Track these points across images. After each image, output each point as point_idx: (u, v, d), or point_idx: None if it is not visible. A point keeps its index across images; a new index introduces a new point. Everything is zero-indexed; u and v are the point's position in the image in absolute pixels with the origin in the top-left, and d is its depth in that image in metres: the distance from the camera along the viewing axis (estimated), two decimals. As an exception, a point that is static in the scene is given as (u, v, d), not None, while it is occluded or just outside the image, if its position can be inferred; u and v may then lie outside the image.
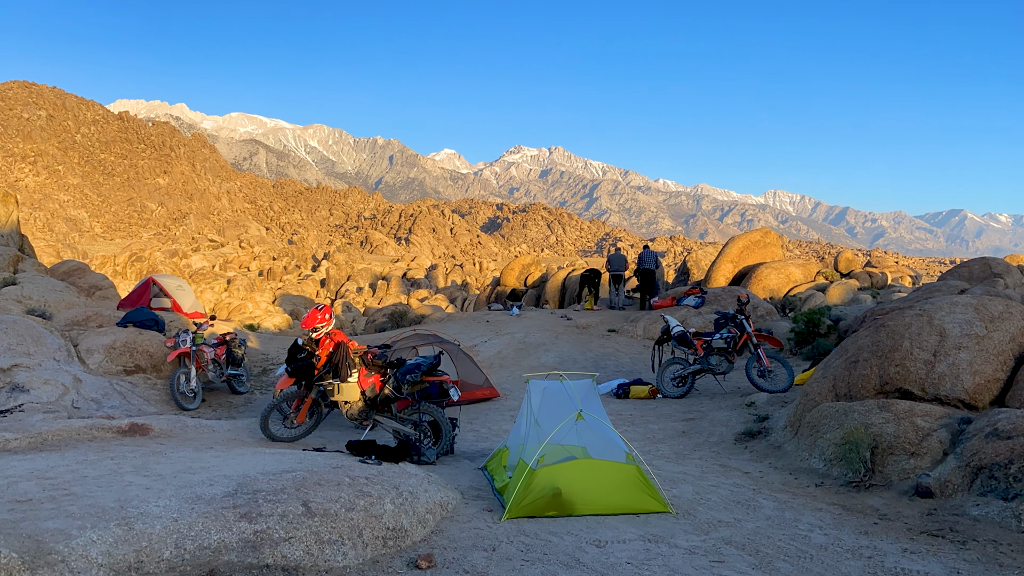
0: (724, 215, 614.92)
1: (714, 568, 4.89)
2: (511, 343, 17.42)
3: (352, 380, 8.27)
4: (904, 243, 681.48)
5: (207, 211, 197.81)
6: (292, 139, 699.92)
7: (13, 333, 11.37)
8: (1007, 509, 5.92)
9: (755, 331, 13.03)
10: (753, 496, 6.84)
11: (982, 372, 8.00)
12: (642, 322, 19.47)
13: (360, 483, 5.39)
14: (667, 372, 13.14)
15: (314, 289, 78.87)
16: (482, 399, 12.87)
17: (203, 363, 12.21)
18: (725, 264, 28.13)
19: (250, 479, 5.25)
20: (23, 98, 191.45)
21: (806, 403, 9.04)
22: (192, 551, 4.22)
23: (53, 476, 5.46)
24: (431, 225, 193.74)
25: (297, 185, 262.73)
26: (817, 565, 5.04)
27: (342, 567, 4.51)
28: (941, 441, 7.19)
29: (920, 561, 5.14)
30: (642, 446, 9.58)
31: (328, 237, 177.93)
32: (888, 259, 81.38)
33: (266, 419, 8.46)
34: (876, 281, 30.82)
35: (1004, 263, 20.80)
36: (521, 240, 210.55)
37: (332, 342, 8.34)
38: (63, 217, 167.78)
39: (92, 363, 12.00)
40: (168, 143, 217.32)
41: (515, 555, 4.90)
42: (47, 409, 9.49)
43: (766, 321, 19.26)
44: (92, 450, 6.91)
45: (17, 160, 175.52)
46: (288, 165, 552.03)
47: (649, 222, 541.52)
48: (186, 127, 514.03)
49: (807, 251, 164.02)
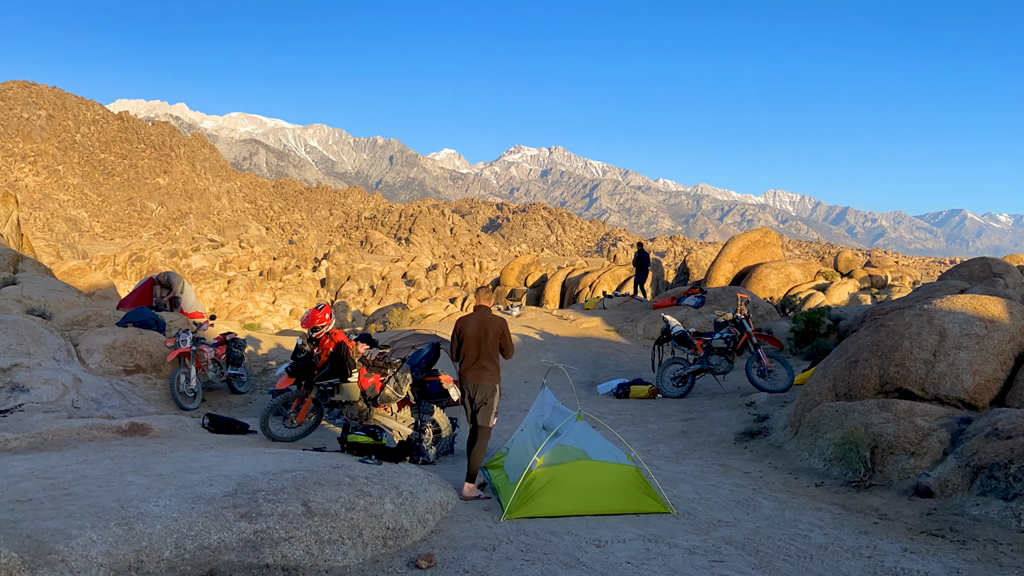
0: (724, 215, 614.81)
1: (714, 568, 4.89)
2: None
3: (352, 380, 8.28)
4: (904, 243, 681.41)
5: (207, 211, 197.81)
6: (292, 139, 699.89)
7: (13, 333, 11.36)
8: (1007, 509, 5.92)
9: (755, 331, 13.03)
10: (753, 496, 6.84)
11: (982, 372, 8.00)
12: (642, 322, 19.47)
13: (360, 483, 5.39)
14: (667, 372, 13.14)
15: (314, 289, 78.90)
16: (482, 399, 12.86)
17: (203, 363, 12.21)
18: (725, 264, 28.12)
19: (250, 479, 5.24)
20: (23, 98, 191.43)
21: (806, 403, 9.04)
22: (192, 551, 4.22)
23: (53, 476, 5.46)
24: (431, 225, 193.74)
25: (297, 185, 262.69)
26: (817, 565, 5.04)
27: (342, 567, 4.51)
28: (941, 441, 7.19)
29: (920, 561, 5.14)
30: (642, 446, 9.59)
31: (328, 237, 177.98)
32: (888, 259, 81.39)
33: (266, 419, 8.46)
34: (876, 281, 30.82)
35: (1004, 263, 20.79)
36: (521, 240, 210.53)
37: (332, 342, 8.34)
38: (63, 217, 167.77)
39: (92, 363, 12.00)
40: (168, 143, 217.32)
41: (515, 555, 4.90)
42: (47, 409, 9.49)
43: (766, 321, 19.26)
44: (92, 450, 6.91)
45: (17, 160, 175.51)
46: (288, 165, 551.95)
47: (649, 222, 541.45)
48: (186, 127, 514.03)
49: (807, 251, 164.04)
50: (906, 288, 28.65)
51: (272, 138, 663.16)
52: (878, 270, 34.71)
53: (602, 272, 33.54)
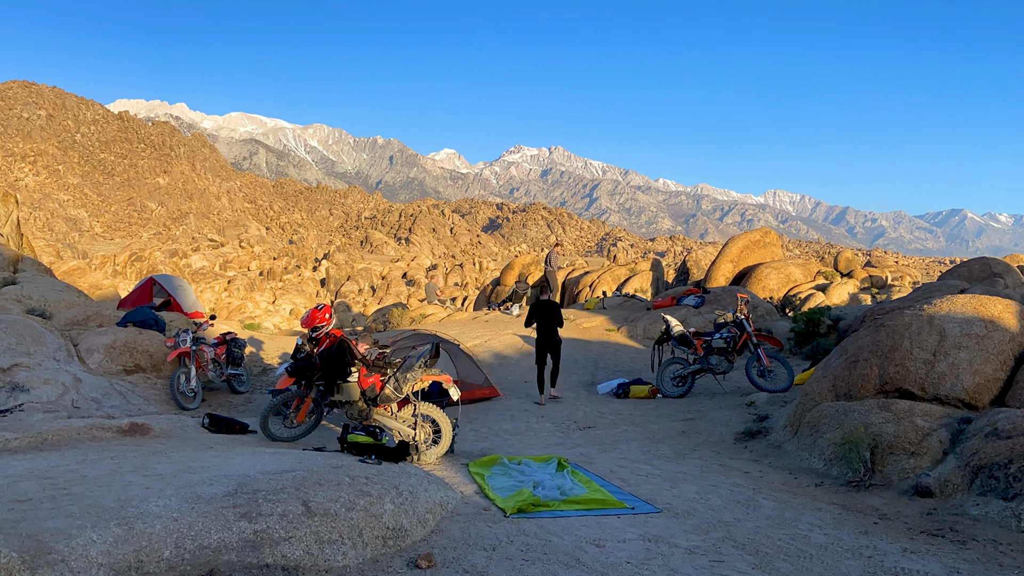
0: (724, 215, 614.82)
1: (714, 568, 4.89)
2: (511, 343, 17.42)
3: (352, 380, 8.27)
4: (904, 243, 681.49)
5: (207, 211, 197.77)
6: (292, 139, 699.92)
7: (13, 333, 11.36)
8: (1007, 509, 5.92)
9: (755, 331, 13.04)
10: (753, 496, 6.84)
11: (982, 372, 7.99)
12: (642, 322, 19.47)
13: (360, 483, 5.39)
14: (667, 372, 13.15)
15: (314, 289, 78.89)
16: (482, 399, 12.87)
17: (203, 363, 12.21)
18: (725, 264, 28.12)
19: (250, 479, 5.24)
20: (23, 98, 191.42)
21: (806, 403, 9.04)
22: (192, 551, 4.22)
23: (53, 476, 5.46)
24: (431, 225, 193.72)
25: (297, 185, 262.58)
26: (817, 565, 5.04)
27: (342, 567, 4.51)
28: (941, 441, 7.19)
29: (920, 561, 5.14)
30: (642, 446, 9.59)
31: (328, 237, 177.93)
32: (888, 259, 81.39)
33: (266, 419, 8.46)
34: (876, 281, 30.83)
35: (1004, 263, 20.78)
36: (521, 240, 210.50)
37: (332, 342, 8.33)
38: (63, 217, 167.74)
39: (92, 363, 12.00)
40: (168, 143, 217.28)
41: (515, 555, 4.89)
42: (47, 409, 9.49)
43: (766, 321, 19.26)
44: (92, 450, 6.91)
45: (17, 160, 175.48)
46: (288, 165, 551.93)
47: (649, 222, 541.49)
48: (186, 127, 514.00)
49: (807, 251, 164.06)
50: (906, 288, 28.65)
51: (272, 138, 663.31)
52: (878, 270, 34.73)
53: (602, 272, 33.55)
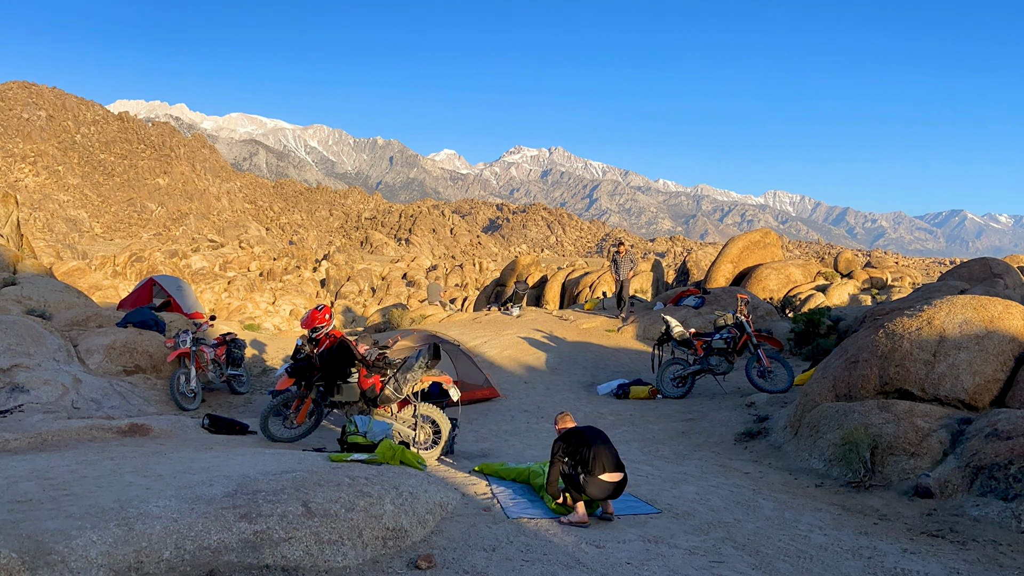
0: (724, 215, 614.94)
1: (714, 568, 4.89)
2: (511, 343, 17.42)
3: (352, 381, 8.27)
4: (904, 243, 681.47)
5: (207, 211, 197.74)
6: (292, 139, 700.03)
7: (13, 333, 11.36)
8: (1007, 509, 5.92)
9: (755, 331, 13.03)
10: (753, 496, 6.84)
11: (982, 372, 7.99)
12: (642, 322, 19.47)
13: (360, 483, 5.39)
14: (667, 372, 13.14)
15: (314, 289, 78.83)
16: (482, 399, 12.87)
17: (203, 363, 12.20)
18: (725, 264, 28.11)
19: (250, 479, 5.24)
20: (23, 98, 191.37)
21: (806, 403, 9.04)
22: (192, 551, 4.22)
23: (53, 476, 5.46)
24: (431, 225, 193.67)
25: (297, 185, 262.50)
26: (817, 565, 5.04)
27: (342, 567, 4.51)
28: (941, 441, 7.19)
29: (920, 561, 5.14)
30: (642, 446, 9.59)
31: (328, 237, 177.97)
32: (888, 259, 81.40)
33: (266, 420, 8.46)
34: (876, 282, 30.84)
35: (1004, 263, 20.78)
36: (521, 240, 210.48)
37: (332, 342, 8.33)
38: (63, 217, 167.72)
39: (92, 363, 11.99)
40: (168, 143, 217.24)
41: (515, 555, 4.89)
42: (47, 409, 9.49)
43: (766, 321, 19.25)
44: (92, 450, 6.91)
45: (17, 160, 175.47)
46: (288, 165, 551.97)
47: (649, 222, 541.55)
48: (186, 127, 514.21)
49: (807, 251, 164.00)
50: (906, 289, 28.65)
51: (272, 138, 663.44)
52: (878, 271, 34.74)
53: (602, 273, 33.53)
